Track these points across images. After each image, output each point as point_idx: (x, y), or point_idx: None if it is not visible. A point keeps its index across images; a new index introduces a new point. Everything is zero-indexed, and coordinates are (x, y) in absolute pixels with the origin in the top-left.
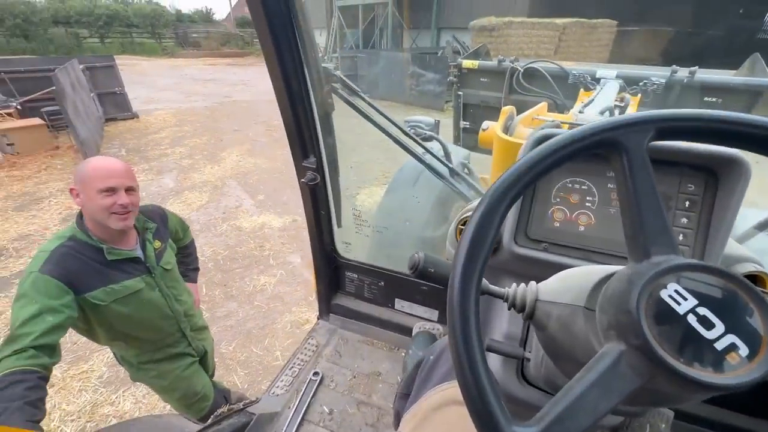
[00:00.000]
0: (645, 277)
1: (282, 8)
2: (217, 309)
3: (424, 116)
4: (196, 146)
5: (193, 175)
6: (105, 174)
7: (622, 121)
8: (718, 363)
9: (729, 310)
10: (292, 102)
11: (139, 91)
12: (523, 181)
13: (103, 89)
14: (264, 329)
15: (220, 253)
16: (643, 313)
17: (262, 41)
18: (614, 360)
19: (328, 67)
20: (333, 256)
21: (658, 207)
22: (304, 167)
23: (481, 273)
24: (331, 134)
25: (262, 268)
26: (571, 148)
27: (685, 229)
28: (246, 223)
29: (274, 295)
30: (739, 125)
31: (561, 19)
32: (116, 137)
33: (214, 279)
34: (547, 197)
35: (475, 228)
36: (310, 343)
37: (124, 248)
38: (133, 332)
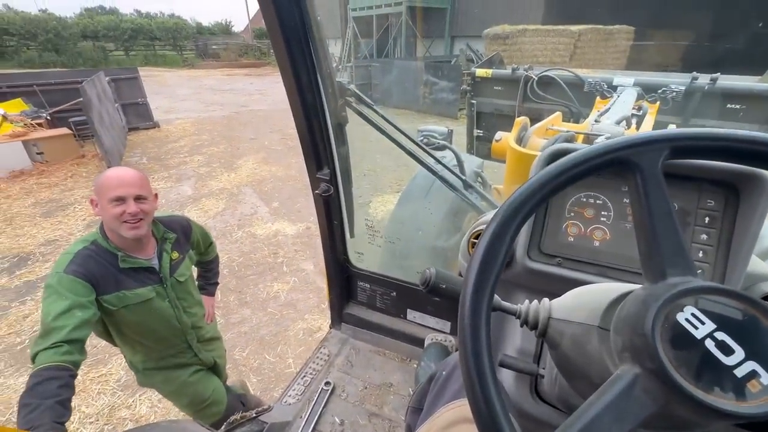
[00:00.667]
0: (661, 299)
1: (297, 22)
2: (231, 315)
3: (437, 125)
4: (213, 154)
5: (211, 182)
6: (115, 184)
7: (636, 140)
8: (738, 391)
9: (749, 336)
10: (307, 115)
11: (161, 102)
12: (535, 199)
13: (127, 100)
14: (277, 336)
15: (235, 259)
16: (658, 336)
17: (277, 55)
18: (629, 384)
19: (342, 81)
20: (346, 265)
21: (674, 227)
22: (318, 178)
23: (492, 290)
24: (345, 146)
25: (276, 275)
26: (584, 166)
27: (705, 245)
28: (260, 230)
29: (287, 302)
30: (757, 144)
31: (576, 26)
32: (138, 146)
33: (229, 285)
34: (561, 211)
35: (486, 245)
36: (322, 352)
37: (141, 257)
38: (139, 338)
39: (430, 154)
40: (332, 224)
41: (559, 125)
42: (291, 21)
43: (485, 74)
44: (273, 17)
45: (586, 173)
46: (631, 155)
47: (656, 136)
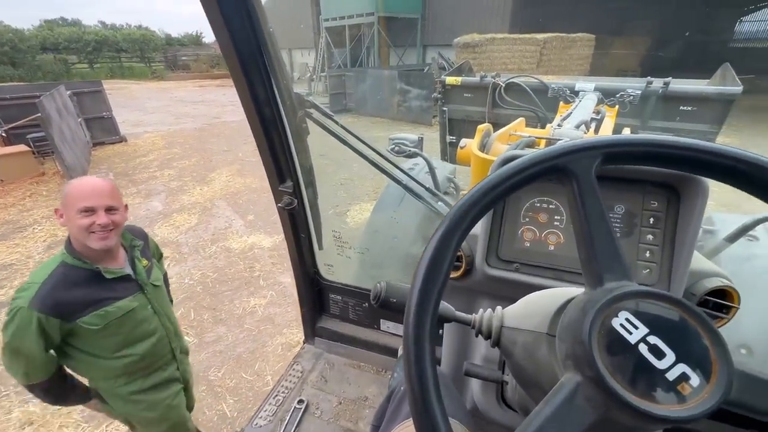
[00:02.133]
0: (597, 305)
1: (249, 37)
2: (206, 334)
3: (408, 133)
4: (185, 168)
5: (182, 197)
6: (85, 194)
7: (569, 148)
8: (670, 394)
9: (679, 338)
10: (265, 128)
11: (128, 115)
12: (476, 209)
13: (90, 114)
14: (254, 353)
15: (209, 275)
16: (595, 343)
17: (231, 70)
18: (571, 392)
19: (301, 93)
20: (316, 278)
21: (609, 233)
22: (281, 192)
23: (437, 303)
24: (308, 158)
25: (252, 290)
26: (522, 175)
27: (651, 245)
28: (235, 244)
29: (265, 317)
30: (682, 149)
31: (541, 34)
32: (104, 161)
33: (203, 303)
34: (517, 217)
35: (429, 259)
36: (295, 369)
37: (115, 267)
38: (124, 356)
39: (393, 162)
40: (299, 237)
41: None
42: (243, 36)
43: (455, 82)
44: (224, 32)
45: (525, 182)
46: (566, 162)
47: (589, 143)
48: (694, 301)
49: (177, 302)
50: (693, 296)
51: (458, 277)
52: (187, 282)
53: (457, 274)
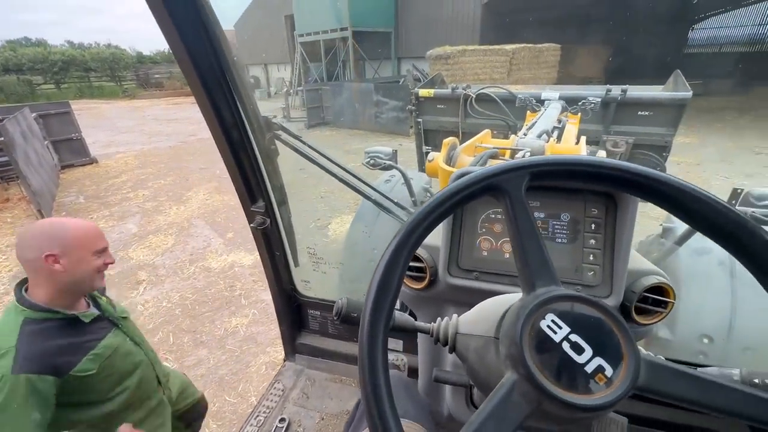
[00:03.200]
0: (527, 310)
1: (214, 68)
2: (186, 358)
3: (382, 146)
4: (160, 188)
5: (158, 217)
6: (97, 235)
7: (500, 169)
8: (589, 385)
9: (596, 335)
10: (234, 151)
11: (98, 135)
12: (421, 228)
13: (58, 136)
14: (237, 374)
15: (188, 297)
16: (526, 344)
17: (197, 98)
18: (508, 390)
19: (268, 116)
20: (293, 295)
21: (538, 243)
22: (253, 212)
23: (389, 316)
24: (278, 178)
25: (234, 309)
26: (459, 196)
27: (594, 249)
28: (215, 264)
29: (247, 337)
30: (599, 168)
31: (510, 45)
32: (73, 184)
33: (182, 326)
34: (474, 228)
35: (380, 278)
36: (276, 387)
37: (85, 310)
38: (119, 393)
39: (359, 178)
40: (274, 255)
41: (488, 142)
42: (207, 64)
43: (428, 94)
44: (188, 64)
45: (464, 201)
46: (499, 182)
47: (517, 164)
48: (634, 298)
49: (155, 327)
50: (633, 293)
51: (423, 288)
52: (165, 305)
53: (421, 285)
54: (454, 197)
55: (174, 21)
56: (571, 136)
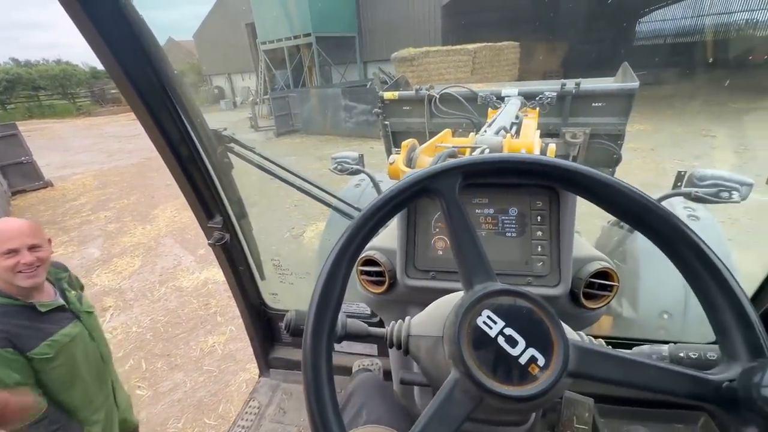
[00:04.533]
0: (464, 308)
1: (154, 84)
2: (160, 384)
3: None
4: (123, 208)
5: (123, 239)
6: (5, 237)
7: (433, 171)
8: (523, 376)
9: (527, 326)
10: (185, 169)
11: (52, 157)
12: (355, 243)
13: (6, 160)
14: (217, 395)
15: (160, 319)
16: (464, 341)
17: (139, 117)
18: (451, 388)
19: (218, 129)
20: (262, 309)
21: (474, 241)
22: (210, 228)
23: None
24: (235, 191)
25: (209, 328)
26: (393, 203)
27: (541, 240)
28: (187, 282)
29: (226, 355)
30: (525, 164)
31: (471, 45)
32: (26, 210)
33: (155, 350)
34: (428, 228)
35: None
36: (252, 405)
37: (47, 300)
38: (75, 388)
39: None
40: (238, 270)
41: (448, 141)
42: (145, 82)
43: (393, 96)
44: (125, 82)
45: (401, 205)
46: (433, 184)
47: (448, 166)
48: (581, 284)
49: (125, 354)
50: (580, 280)
51: (384, 292)
52: (135, 330)
53: (382, 290)
54: (388, 204)
55: (105, 39)
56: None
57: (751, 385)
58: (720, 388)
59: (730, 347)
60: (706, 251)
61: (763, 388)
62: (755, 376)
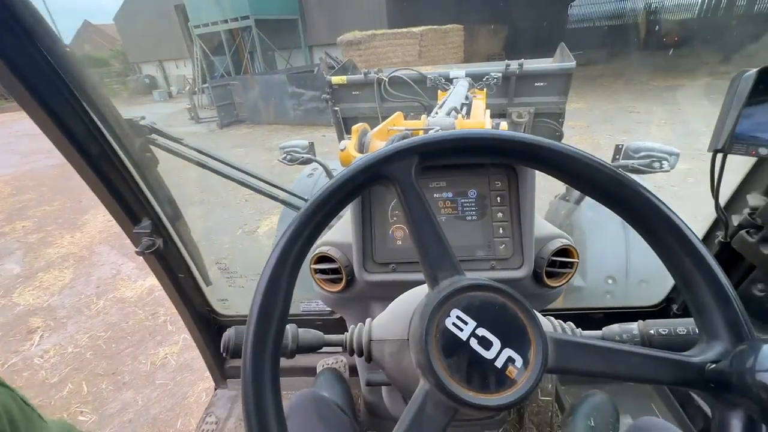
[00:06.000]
0: (430, 307)
1: (49, 75)
2: (107, 406)
3: (298, 140)
4: (46, 215)
5: (47, 250)
6: None
7: (385, 154)
8: (501, 381)
9: (502, 324)
10: (97, 170)
11: None
12: (299, 243)
13: None
14: (173, 409)
15: (101, 336)
16: (432, 347)
17: (30, 113)
18: (422, 402)
19: (134, 119)
20: (212, 317)
21: (435, 232)
22: (137, 234)
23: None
24: (164, 189)
25: (160, 339)
26: (342, 193)
27: (502, 222)
28: (129, 292)
29: (181, 366)
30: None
31: (417, 28)
32: None
33: (97, 370)
34: (384, 217)
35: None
36: (208, 421)
37: None
38: None
39: (255, 175)
40: (177, 278)
41: (400, 124)
42: (34, 72)
43: (341, 81)
44: (15, 82)
45: (352, 194)
46: (386, 169)
47: (402, 146)
48: (544, 264)
49: (61, 378)
50: (542, 260)
51: (342, 290)
52: (71, 351)
53: (339, 287)
54: (336, 194)
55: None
56: (479, 111)
57: (744, 370)
58: (703, 370)
59: (709, 326)
60: (681, 226)
61: (759, 373)
62: (748, 360)
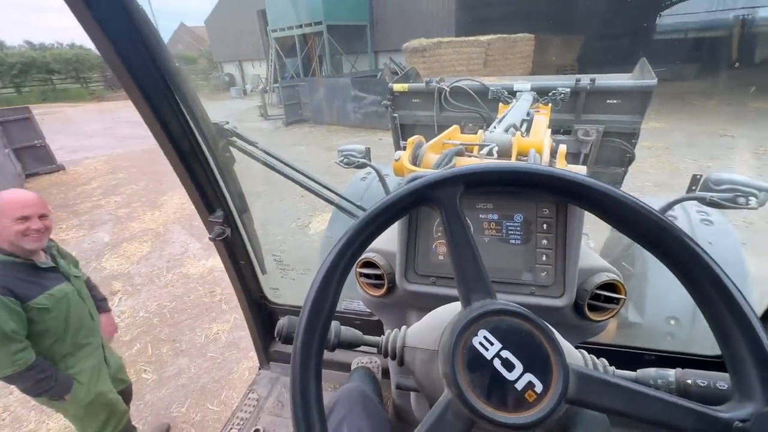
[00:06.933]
0: (461, 325)
1: (155, 77)
2: (165, 368)
3: (356, 144)
4: (133, 193)
5: (132, 224)
6: (20, 205)
7: (433, 180)
8: (520, 403)
9: (526, 350)
10: (186, 163)
11: (65, 141)
12: (349, 252)
13: (20, 143)
14: (220, 381)
15: (166, 305)
16: (458, 362)
17: (141, 111)
18: (443, 409)
19: (220, 123)
20: (263, 303)
21: (473, 256)
22: (211, 222)
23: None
24: (237, 185)
25: (214, 315)
26: (391, 212)
27: (546, 249)
28: (193, 269)
29: (229, 343)
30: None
31: (485, 36)
32: (40, 193)
33: (161, 335)
34: (429, 233)
35: (315, 295)
36: (251, 397)
37: (42, 261)
38: (68, 335)
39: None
40: (239, 265)
41: (456, 138)
42: (147, 77)
43: (402, 89)
44: (127, 77)
45: (398, 215)
46: (433, 193)
47: (449, 174)
48: (586, 296)
49: (132, 338)
50: (585, 292)
51: (383, 295)
52: (142, 315)
53: (380, 293)
54: (386, 212)
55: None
56: (539, 128)
57: None
58: (730, 427)
59: (744, 384)
60: (723, 279)
61: None
62: None
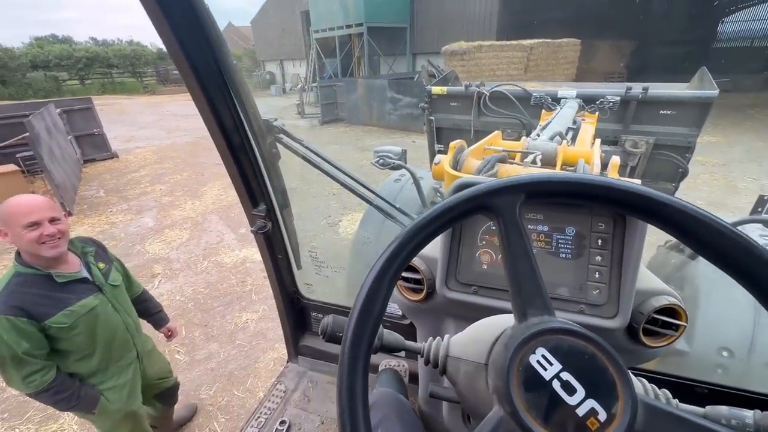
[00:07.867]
0: (517, 341)
1: (214, 72)
2: (197, 351)
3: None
4: (176, 182)
5: (174, 212)
6: (26, 210)
7: (494, 187)
8: (581, 430)
9: (589, 374)
10: (235, 155)
11: (120, 130)
12: (409, 247)
13: (81, 131)
14: (246, 369)
15: (201, 291)
16: (514, 380)
17: (197, 103)
18: (495, 426)
19: (269, 120)
20: (296, 297)
21: (532, 269)
22: (254, 215)
23: (370, 342)
24: (280, 181)
25: (244, 305)
26: (447, 216)
27: (600, 266)
28: (227, 259)
29: (257, 332)
30: (603, 189)
31: (528, 41)
32: (95, 178)
33: (194, 319)
34: (474, 240)
35: (364, 298)
36: (278, 388)
37: (68, 271)
38: (95, 352)
39: (359, 181)
40: (276, 258)
41: (498, 144)
42: (206, 69)
43: (441, 92)
44: (187, 68)
45: (455, 220)
46: (491, 201)
47: (511, 182)
48: (642, 320)
49: None
50: (641, 315)
51: (421, 300)
52: (178, 299)
53: (419, 297)
54: (443, 216)
55: (170, 23)
56: (587, 137)
57: None
58: None
59: None
60: None
61: None
62: None
